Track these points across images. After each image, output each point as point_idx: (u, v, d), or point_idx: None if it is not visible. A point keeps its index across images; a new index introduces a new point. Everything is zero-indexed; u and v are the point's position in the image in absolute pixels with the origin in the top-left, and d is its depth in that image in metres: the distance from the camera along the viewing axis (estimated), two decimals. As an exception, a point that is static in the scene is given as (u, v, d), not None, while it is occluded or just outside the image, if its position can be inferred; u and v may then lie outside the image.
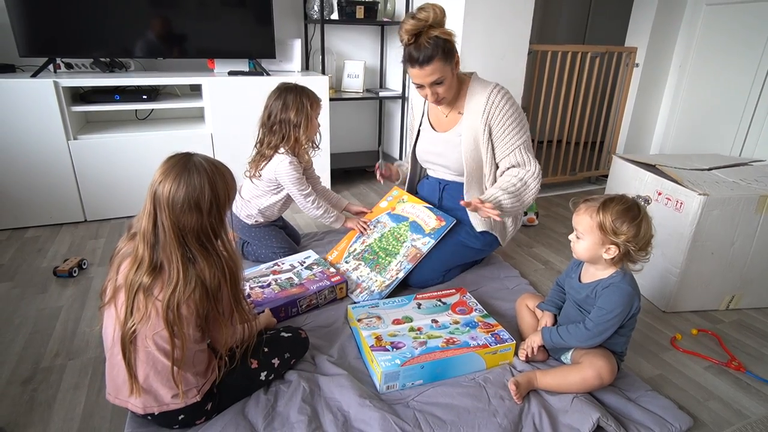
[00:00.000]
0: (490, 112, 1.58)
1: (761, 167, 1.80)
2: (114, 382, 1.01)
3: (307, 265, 1.69)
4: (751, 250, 1.58)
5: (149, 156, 2.22)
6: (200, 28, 2.31)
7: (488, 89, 1.60)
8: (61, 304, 1.57)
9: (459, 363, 1.25)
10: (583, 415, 1.10)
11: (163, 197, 0.91)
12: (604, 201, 1.15)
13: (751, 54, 2.42)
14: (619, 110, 2.97)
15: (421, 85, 1.54)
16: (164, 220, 0.91)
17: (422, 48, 1.45)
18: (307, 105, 1.66)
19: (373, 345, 1.26)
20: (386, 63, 3.11)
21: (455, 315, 1.41)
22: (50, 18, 2.04)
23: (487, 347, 1.27)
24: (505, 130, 1.59)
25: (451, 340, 1.29)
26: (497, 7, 2.33)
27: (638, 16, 2.84)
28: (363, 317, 1.39)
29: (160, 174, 0.93)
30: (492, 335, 1.32)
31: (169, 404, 1.00)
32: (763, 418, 1.19)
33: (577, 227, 1.20)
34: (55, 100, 2.00)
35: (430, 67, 1.47)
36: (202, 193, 0.93)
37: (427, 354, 1.23)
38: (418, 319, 1.38)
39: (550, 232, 2.34)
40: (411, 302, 1.47)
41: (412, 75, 1.53)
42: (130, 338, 0.93)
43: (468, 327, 1.35)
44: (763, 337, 1.54)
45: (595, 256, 1.17)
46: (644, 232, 1.13)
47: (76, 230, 2.14)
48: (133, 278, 0.92)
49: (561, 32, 4.03)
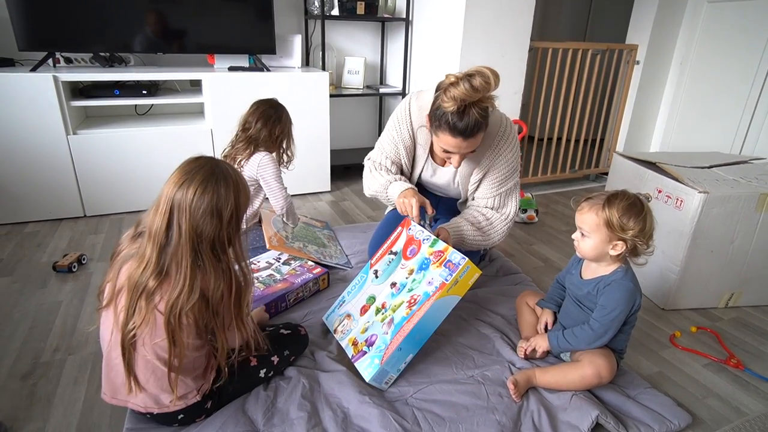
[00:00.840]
0: (494, 161, 1.50)
1: (761, 165, 1.80)
2: (112, 384, 1.00)
3: (284, 260, 1.70)
4: (750, 248, 1.58)
5: (149, 151, 2.22)
6: (200, 23, 2.30)
7: (495, 136, 1.48)
8: (60, 299, 1.57)
9: (431, 317, 1.20)
10: (582, 412, 1.11)
11: (186, 200, 0.88)
12: (608, 197, 1.15)
13: (752, 52, 2.41)
14: (619, 108, 2.97)
15: (448, 151, 1.36)
16: (182, 223, 0.88)
17: (471, 120, 1.25)
18: (289, 122, 1.79)
19: (353, 355, 1.25)
20: (386, 59, 3.10)
21: (408, 262, 1.34)
22: (50, 12, 2.03)
23: (445, 285, 1.20)
24: (498, 176, 1.51)
25: (412, 299, 1.24)
26: (498, 4, 2.32)
27: (639, 14, 2.83)
28: (337, 326, 1.37)
29: (182, 175, 0.90)
30: (445, 266, 1.24)
31: (169, 406, 1.00)
32: (762, 416, 1.20)
33: (582, 226, 1.19)
34: (54, 94, 1.99)
35: (473, 138, 1.30)
36: (226, 202, 0.91)
37: (398, 333, 1.19)
38: (379, 292, 1.35)
39: (550, 229, 2.34)
40: (369, 274, 1.43)
41: (447, 144, 1.33)
42: (130, 341, 0.91)
43: (422, 271, 1.28)
44: (761, 335, 1.54)
45: (602, 253, 1.17)
46: (649, 226, 1.13)
47: (76, 225, 2.14)
48: (138, 280, 0.89)
49: (562, 29, 4.02)
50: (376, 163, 1.62)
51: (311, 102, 2.47)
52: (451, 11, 2.37)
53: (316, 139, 2.55)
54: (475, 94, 1.21)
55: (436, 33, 2.54)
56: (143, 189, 2.25)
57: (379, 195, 1.60)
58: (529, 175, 2.90)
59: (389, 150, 1.59)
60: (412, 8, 2.73)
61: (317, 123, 2.52)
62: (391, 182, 1.53)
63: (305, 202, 2.55)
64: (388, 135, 1.60)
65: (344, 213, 2.42)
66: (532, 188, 2.86)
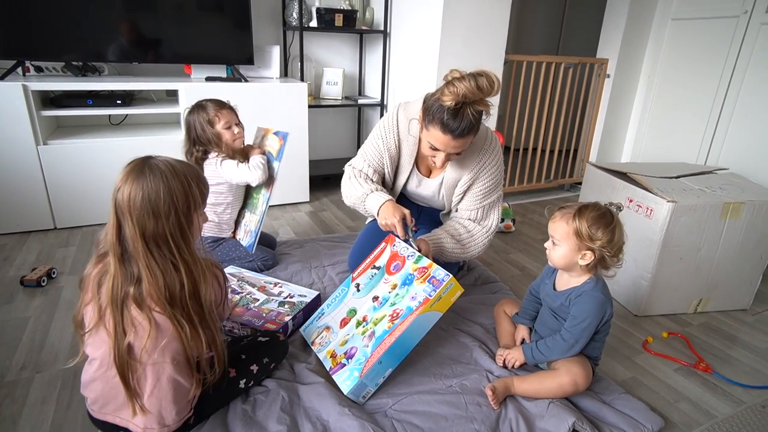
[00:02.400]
0: (479, 174, 1.52)
1: (725, 175, 1.88)
2: (114, 401, 0.97)
3: (282, 301, 1.52)
4: (716, 255, 1.64)
5: (123, 162, 2.11)
6: (177, 32, 2.28)
7: (483, 148, 1.49)
8: (28, 315, 1.52)
9: (413, 332, 1.20)
10: (559, 419, 1.12)
11: (124, 203, 0.88)
12: (579, 208, 1.18)
13: (715, 66, 2.53)
14: (591, 119, 3.06)
15: (435, 148, 1.37)
16: (128, 228, 0.88)
17: (464, 119, 1.27)
18: (210, 118, 1.69)
19: (331, 367, 1.24)
20: (365, 71, 3.13)
21: (392, 277, 1.34)
22: (19, 19, 1.98)
23: (428, 300, 1.20)
24: (482, 188, 1.53)
25: (395, 313, 1.24)
26: (474, 18, 2.38)
27: (609, 29, 2.93)
28: (315, 338, 1.36)
29: (119, 180, 0.90)
30: (429, 282, 1.25)
31: (170, 425, 0.98)
32: (729, 418, 1.24)
33: (553, 234, 1.22)
34: (24, 103, 1.94)
35: (463, 140, 1.32)
36: (158, 197, 0.89)
37: (379, 346, 1.19)
38: (360, 306, 1.34)
39: (527, 238, 2.38)
40: (350, 288, 1.42)
41: (436, 140, 1.34)
42: (127, 354, 0.89)
43: (406, 286, 1.29)
44: (728, 339, 1.60)
45: (571, 262, 1.20)
46: (618, 237, 1.16)
47: (45, 238, 2.07)
48: (116, 290, 0.88)
49: (536, 43, 4.13)
50: (356, 170, 1.62)
51: (290, 113, 2.47)
52: (428, 24, 2.41)
53: (295, 150, 2.54)
54: (477, 94, 1.23)
55: (414, 45, 2.58)
56: (117, 200, 2.20)
57: (357, 206, 1.59)
58: (506, 185, 2.95)
59: (373, 157, 1.59)
60: (390, 21, 2.76)
61: (296, 134, 2.51)
62: (368, 193, 1.53)
63: (284, 213, 2.54)
64: (373, 143, 1.60)
65: (323, 223, 2.42)
66: (509, 198, 2.91)
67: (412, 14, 2.57)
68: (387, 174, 1.62)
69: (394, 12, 2.72)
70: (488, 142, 1.52)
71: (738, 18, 2.40)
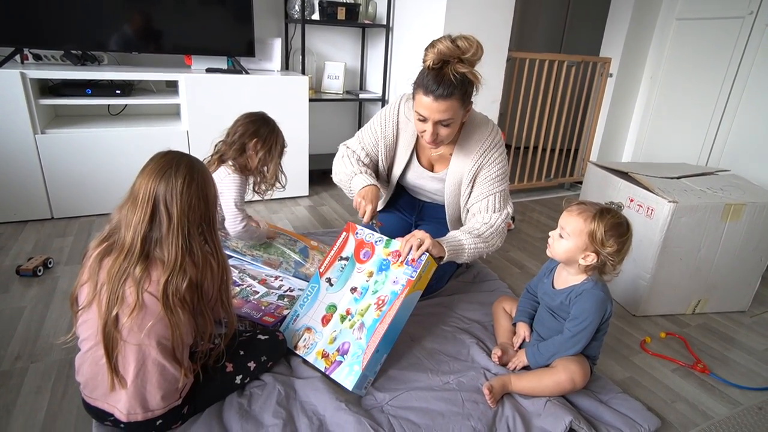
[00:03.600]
0: (482, 164, 1.50)
1: (726, 176, 1.87)
2: (102, 386, 0.96)
3: (282, 294, 1.51)
4: (716, 256, 1.64)
5: (121, 152, 2.16)
6: (178, 23, 2.26)
7: (483, 137, 1.49)
8: (24, 305, 1.51)
9: (401, 315, 1.22)
10: (556, 418, 1.12)
11: (176, 189, 0.94)
12: (601, 210, 1.17)
13: (718, 67, 2.51)
14: (593, 118, 3.05)
15: (424, 119, 1.36)
16: (173, 211, 0.94)
17: (444, 79, 1.28)
18: (279, 146, 1.65)
19: (326, 367, 1.21)
20: (366, 65, 3.11)
21: (365, 266, 1.33)
22: (18, 6, 1.95)
23: (411, 282, 1.23)
24: (488, 177, 1.51)
25: (380, 300, 1.24)
26: (477, 15, 2.36)
27: (612, 28, 2.92)
28: (297, 341, 1.29)
29: (162, 167, 0.95)
30: (407, 264, 1.27)
31: (155, 410, 0.97)
32: (726, 419, 1.24)
33: (565, 226, 1.20)
34: (21, 92, 1.92)
35: (445, 103, 1.30)
36: (208, 185, 1.00)
37: (374, 335, 1.19)
38: (338, 300, 1.31)
39: (526, 236, 2.38)
40: (320, 284, 1.36)
41: (420, 105, 1.34)
42: (113, 326, 0.91)
43: (383, 271, 1.29)
44: (726, 341, 1.59)
45: (572, 259, 1.19)
46: (625, 250, 1.16)
47: (42, 228, 2.06)
48: (120, 267, 0.92)
49: (539, 41, 4.12)
50: (350, 150, 1.62)
51: (290, 106, 2.45)
52: (431, 20, 2.39)
53: (294, 144, 2.51)
54: (455, 51, 1.27)
55: (416, 40, 2.56)
56: (115, 191, 2.15)
57: (343, 184, 1.60)
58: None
59: (368, 142, 1.60)
60: (393, 15, 2.75)
61: (296, 127, 2.50)
62: (356, 174, 1.53)
63: (283, 207, 2.53)
64: (371, 128, 1.61)
65: (322, 218, 2.41)
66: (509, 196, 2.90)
67: (415, 9, 2.56)
68: (381, 162, 1.62)
69: (397, 6, 2.71)
70: (489, 131, 1.51)
71: (743, 19, 2.38)
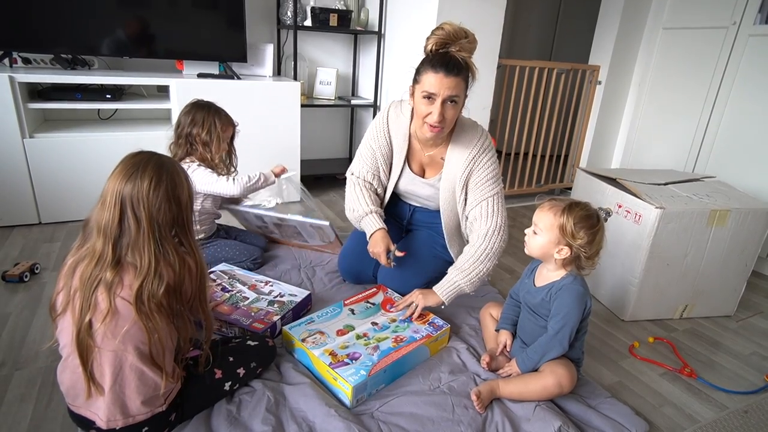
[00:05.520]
0: (473, 167, 1.50)
1: (712, 183, 1.90)
2: (83, 393, 0.94)
3: (272, 300, 1.51)
4: (702, 261, 1.66)
5: (111, 157, 2.09)
6: (170, 28, 2.26)
7: (474, 141, 1.50)
8: (9, 311, 1.49)
9: (411, 358, 1.30)
10: (545, 423, 1.12)
11: (142, 191, 0.91)
12: (569, 204, 1.20)
13: (704, 75, 2.56)
14: (582, 125, 3.08)
15: (430, 97, 1.34)
16: (140, 214, 0.91)
17: (452, 59, 1.34)
18: (218, 126, 1.67)
19: (331, 362, 1.22)
20: (359, 71, 3.12)
21: (390, 314, 1.46)
22: (7, 9, 1.94)
23: (430, 336, 1.35)
24: (481, 180, 1.51)
25: (398, 338, 1.34)
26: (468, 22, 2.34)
27: (601, 36, 2.96)
28: (305, 336, 1.32)
29: (129, 168, 0.93)
30: (429, 325, 1.41)
31: (135, 416, 0.95)
32: (712, 422, 1.25)
33: (537, 223, 1.23)
34: (10, 95, 1.91)
35: (456, 79, 1.33)
36: (181, 187, 0.96)
37: (386, 357, 1.25)
38: (358, 325, 1.39)
39: (516, 242, 2.39)
40: (343, 310, 1.46)
41: (428, 84, 1.34)
42: (87, 333, 0.89)
43: (406, 323, 1.42)
44: (712, 345, 1.61)
45: (547, 254, 1.22)
46: (597, 241, 1.18)
47: (30, 233, 2.04)
48: (92, 273, 0.89)
49: (529, 48, 4.16)
50: (357, 177, 1.65)
51: (282, 112, 2.45)
52: (422, 27, 2.41)
53: (286, 149, 2.53)
54: (459, 33, 1.36)
55: (408, 47, 2.58)
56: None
57: (355, 224, 1.66)
58: (496, 189, 2.96)
59: (367, 158, 1.63)
60: (385, 22, 2.77)
61: (288, 133, 2.50)
62: (365, 214, 1.58)
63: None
64: (366, 143, 1.64)
65: (314, 223, 2.40)
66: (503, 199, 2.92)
67: (406, 16, 2.58)
68: (383, 173, 1.64)
69: (388, 13, 2.73)
70: (479, 135, 1.52)
71: (727, 29, 2.43)
